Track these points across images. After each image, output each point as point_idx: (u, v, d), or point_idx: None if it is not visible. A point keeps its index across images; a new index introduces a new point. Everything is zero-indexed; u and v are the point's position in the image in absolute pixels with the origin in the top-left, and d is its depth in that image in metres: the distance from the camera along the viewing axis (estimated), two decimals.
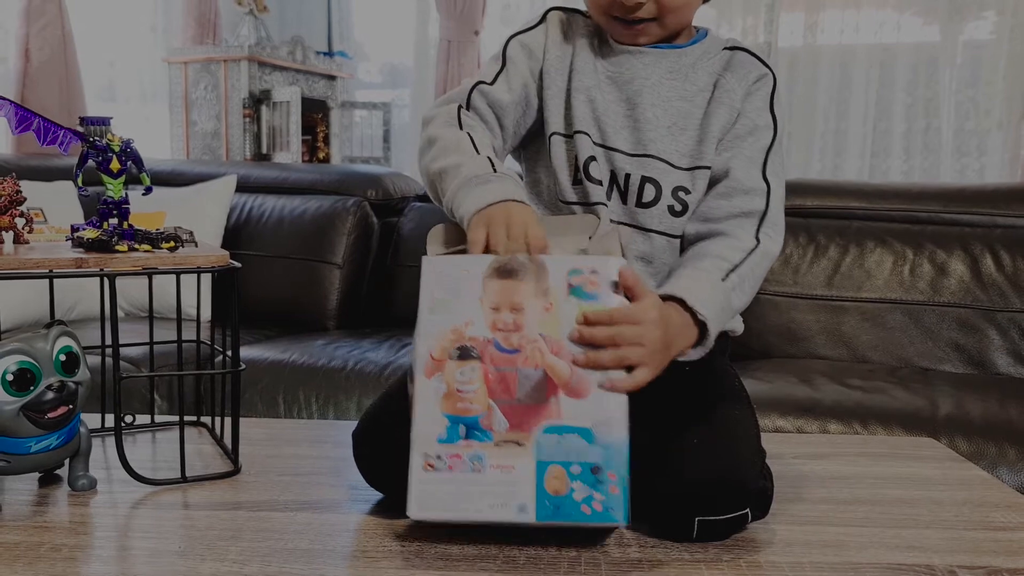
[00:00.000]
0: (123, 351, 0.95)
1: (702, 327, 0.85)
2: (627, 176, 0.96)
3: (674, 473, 0.81)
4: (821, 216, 2.12)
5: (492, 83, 0.99)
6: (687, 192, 0.97)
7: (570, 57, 1.00)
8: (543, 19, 1.03)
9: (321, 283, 2.39)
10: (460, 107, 0.98)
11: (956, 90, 3.14)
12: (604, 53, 1.00)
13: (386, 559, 0.77)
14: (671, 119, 0.98)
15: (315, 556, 0.78)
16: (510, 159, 1.06)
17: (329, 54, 3.92)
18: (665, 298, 0.85)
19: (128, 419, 1.13)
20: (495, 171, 0.88)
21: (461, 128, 0.95)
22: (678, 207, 0.96)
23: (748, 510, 0.83)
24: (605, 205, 0.96)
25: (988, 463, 1.44)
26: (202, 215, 2.35)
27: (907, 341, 1.97)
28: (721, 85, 0.98)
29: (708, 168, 0.97)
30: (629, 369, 0.78)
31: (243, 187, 2.53)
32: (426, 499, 0.76)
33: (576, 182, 0.98)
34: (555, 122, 0.99)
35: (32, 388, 0.84)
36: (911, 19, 3.20)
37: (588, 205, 0.97)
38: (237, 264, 0.96)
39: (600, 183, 0.97)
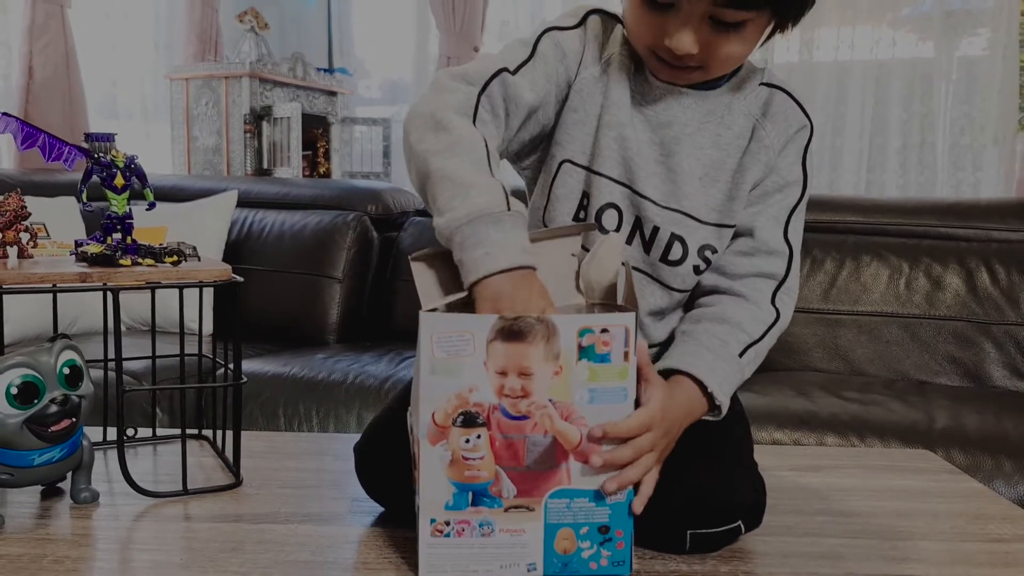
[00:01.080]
0: (125, 365, 0.96)
1: (714, 403, 0.85)
2: (655, 228, 0.90)
3: (665, 487, 0.80)
4: (818, 230, 2.13)
5: (515, 73, 0.87)
6: (713, 251, 0.92)
7: (605, 80, 0.91)
8: (583, 21, 0.92)
9: (321, 297, 2.40)
10: (480, 96, 0.85)
11: (951, 106, 3.16)
12: (641, 84, 0.92)
13: (387, 571, 0.78)
14: (704, 169, 0.91)
15: (316, 568, 0.78)
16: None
17: (329, 70, 3.95)
18: (680, 372, 0.84)
19: (130, 432, 1.14)
20: (509, 206, 0.77)
21: (475, 125, 0.84)
22: (703, 267, 0.92)
23: (740, 523, 0.84)
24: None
25: (984, 475, 1.45)
26: (203, 230, 2.36)
27: (903, 354, 1.98)
28: (759, 136, 0.92)
29: (732, 228, 0.93)
30: None
31: (244, 202, 2.54)
32: (436, 562, 0.76)
33: (577, 219, 0.92)
34: (572, 149, 0.91)
35: (36, 401, 0.85)
36: (906, 36, 3.22)
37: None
38: (239, 278, 0.97)
39: (612, 232, 0.90)
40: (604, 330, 0.73)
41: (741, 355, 0.88)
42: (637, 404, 0.76)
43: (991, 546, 0.87)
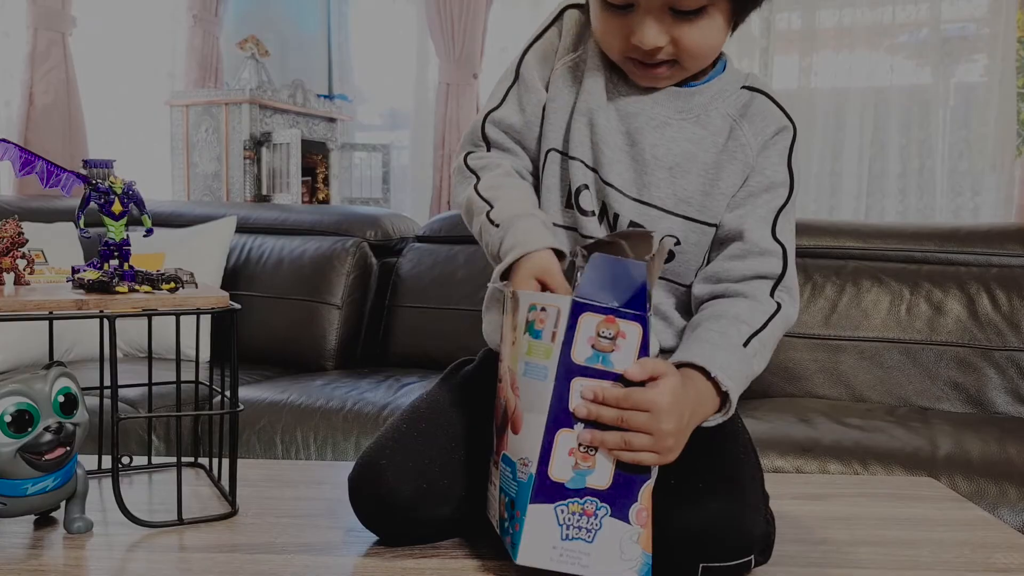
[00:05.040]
0: (121, 392, 0.95)
1: (724, 395, 0.84)
2: (616, 216, 0.93)
3: (679, 518, 0.79)
4: (818, 256, 2.13)
5: (500, 105, 0.97)
6: (676, 243, 0.92)
7: (581, 69, 0.94)
8: (559, 16, 0.96)
9: (320, 323, 2.39)
10: (466, 156, 0.98)
11: (949, 131, 3.18)
12: (616, 75, 0.94)
13: None
14: (673, 160, 0.92)
15: None
16: None
17: (329, 97, 3.97)
18: (685, 365, 0.83)
19: (125, 460, 1.13)
20: (526, 212, 0.89)
21: (477, 177, 0.94)
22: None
23: (752, 557, 0.82)
24: (594, 239, 0.92)
25: (989, 503, 1.44)
26: (202, 256, 2.36)
27: (905, 380, 1.97)
28: (736, 136, 0.92)
29: (707, 225, 0.93)
30: None
31: (243, 228, 2.54)
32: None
33: (567, 206, 0.95)
34: (553, 137, 0.95)
35: (30, 429, 0.84)
36: (903, 62, 3.25)
37: (576, 233, 0.94)
38: (237, 305, 0.96)
39: (592, 214, 0.93)
40: (543, 308, 0.77)
41: (745, 344, 0.87)
42: None
43: (997, 575, 0.86)
